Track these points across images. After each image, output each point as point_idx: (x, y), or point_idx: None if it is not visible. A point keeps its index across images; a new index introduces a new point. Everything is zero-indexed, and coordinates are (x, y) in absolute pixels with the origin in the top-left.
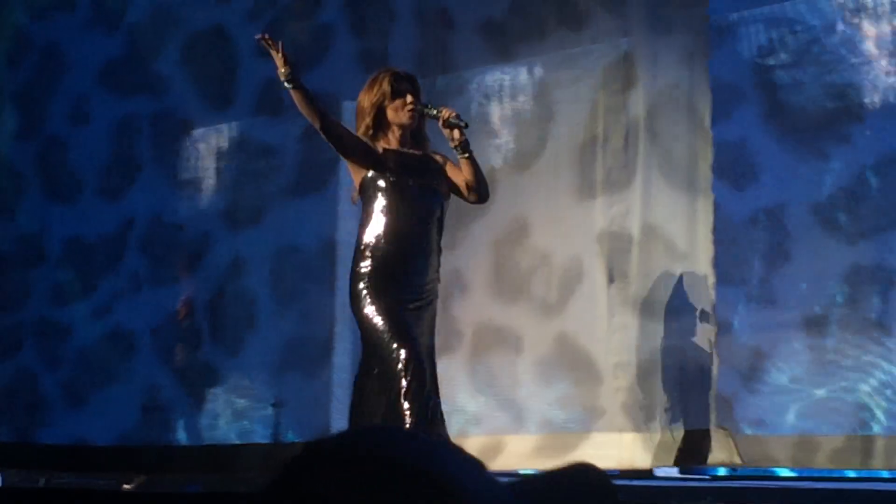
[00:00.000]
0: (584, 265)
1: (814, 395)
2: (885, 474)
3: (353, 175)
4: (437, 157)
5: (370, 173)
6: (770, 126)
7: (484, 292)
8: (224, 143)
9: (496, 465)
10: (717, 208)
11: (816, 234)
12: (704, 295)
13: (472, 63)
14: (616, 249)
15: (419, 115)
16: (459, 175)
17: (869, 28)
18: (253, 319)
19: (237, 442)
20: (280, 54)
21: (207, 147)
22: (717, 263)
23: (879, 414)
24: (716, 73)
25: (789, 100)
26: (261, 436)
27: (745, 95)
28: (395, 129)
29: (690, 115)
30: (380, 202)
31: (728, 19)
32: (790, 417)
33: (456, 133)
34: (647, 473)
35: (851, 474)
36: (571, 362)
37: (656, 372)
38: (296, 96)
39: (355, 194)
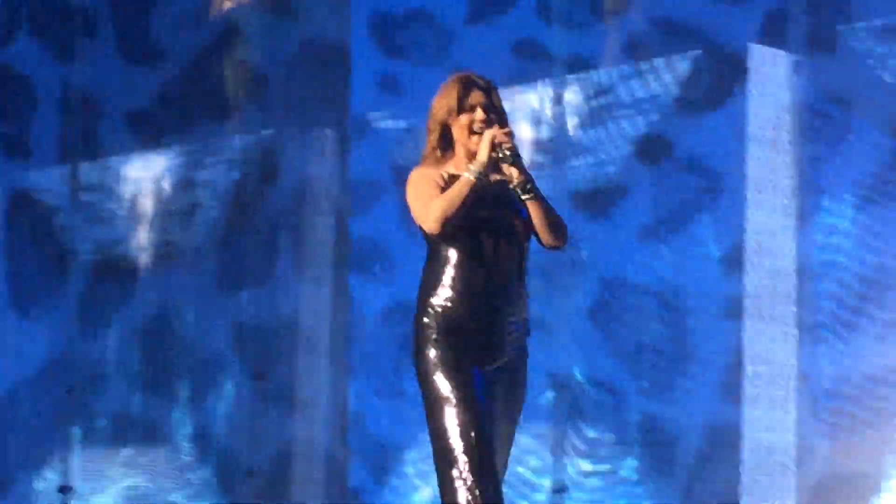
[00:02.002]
0: (225, 358)
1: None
2: None
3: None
4: None
5: None
6: (407, 221)
7: (126, 382)
8: None
9: None
10: (354, 301)
11: None
12: (339, 387)
13: (118, 151)
14: (257, 342)
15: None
16: None
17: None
18: None
19: None
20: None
21: None
22: (352, 356)
23: None
24: (355, 169)
25: None
26: None
27: (383, 190)
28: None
29: (330, 208)
30: (450, 240)
31: (368, 116)
32: None
33: (514, 171)
34: None
35: None
36: (214, 455)
37: (290, 464)
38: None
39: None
